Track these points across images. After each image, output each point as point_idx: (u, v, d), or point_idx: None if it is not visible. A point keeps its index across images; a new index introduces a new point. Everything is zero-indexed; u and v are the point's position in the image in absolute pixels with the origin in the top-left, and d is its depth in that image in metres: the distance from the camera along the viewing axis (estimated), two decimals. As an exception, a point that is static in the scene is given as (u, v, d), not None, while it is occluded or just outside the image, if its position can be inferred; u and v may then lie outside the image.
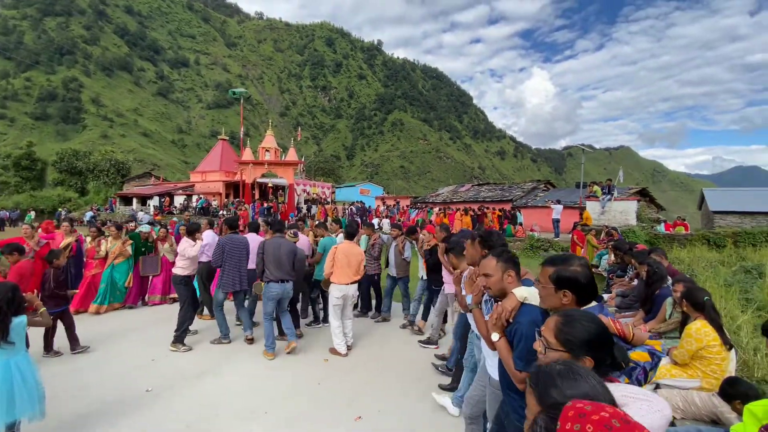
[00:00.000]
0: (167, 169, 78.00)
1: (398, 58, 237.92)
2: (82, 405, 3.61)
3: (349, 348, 5.03)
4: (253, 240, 5.63)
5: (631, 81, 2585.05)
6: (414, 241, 6.02)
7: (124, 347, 5.13)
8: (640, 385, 3.00)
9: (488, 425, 2.27)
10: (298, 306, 5.90)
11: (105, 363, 4.59)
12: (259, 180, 28.55)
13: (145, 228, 7.12)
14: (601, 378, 1.07)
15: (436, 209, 20.73)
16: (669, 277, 4.68)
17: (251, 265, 5.37)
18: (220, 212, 24.80)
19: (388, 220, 17.91)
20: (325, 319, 5.75)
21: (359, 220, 19.22)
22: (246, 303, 5.55)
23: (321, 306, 6.38)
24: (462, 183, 35.70)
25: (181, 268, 5.32)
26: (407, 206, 21.62)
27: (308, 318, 6.31)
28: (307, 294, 6.18)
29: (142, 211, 27.77)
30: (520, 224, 16.62)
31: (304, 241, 6.04)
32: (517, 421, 1.85)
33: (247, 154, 26.87)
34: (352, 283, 4.93)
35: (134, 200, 32.33)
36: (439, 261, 4.74)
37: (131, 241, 7.02)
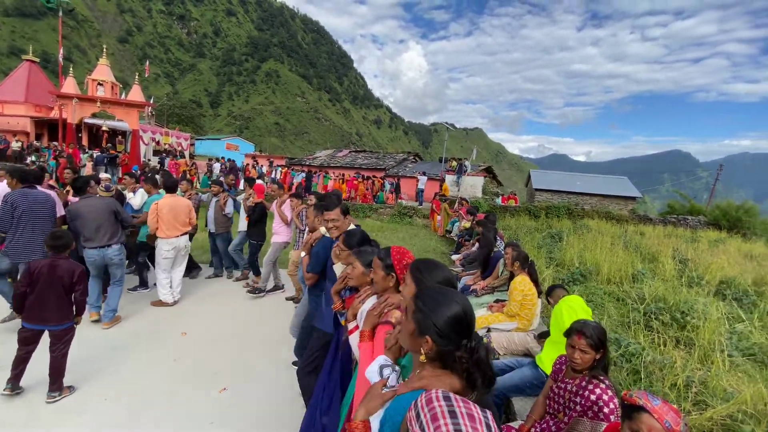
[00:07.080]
0: (-70, 89, 54.96)
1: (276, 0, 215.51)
2: None
3: (176, 302, 5.05)
4: None
5: (489, 70, 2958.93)
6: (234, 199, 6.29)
7: None
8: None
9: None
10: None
11: None
12: (88, 121, 22.74)
13: None
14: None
15: (333, 174, 21.23)
16: (502, 242, 5.69)
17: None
18: (28, 158, 19.10)
19: (261, 181, 16.54)
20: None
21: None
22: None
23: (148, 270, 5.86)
24: (340, 148, 35.70)
25: None
26: (284, 169, 20.57)
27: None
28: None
29: None
30: (401, 194, 19.17)
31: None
32: (314, 309, 2.95)
33: (70, 85, 20.92)
34: (182, 234, 4.98)
35: None
36: (261, 217, 5.78)
37: None
